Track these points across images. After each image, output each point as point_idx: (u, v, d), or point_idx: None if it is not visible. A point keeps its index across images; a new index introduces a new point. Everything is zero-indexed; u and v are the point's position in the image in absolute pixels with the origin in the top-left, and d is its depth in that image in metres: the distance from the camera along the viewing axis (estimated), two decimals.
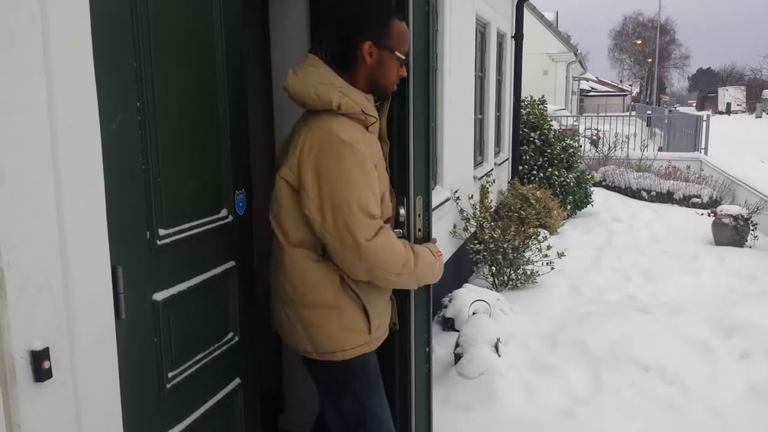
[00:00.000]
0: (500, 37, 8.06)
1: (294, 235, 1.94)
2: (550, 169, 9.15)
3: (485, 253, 5.77)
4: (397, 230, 2.26)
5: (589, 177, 9.60)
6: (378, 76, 1.92)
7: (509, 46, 8.63)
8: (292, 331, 2.03)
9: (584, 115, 22.06)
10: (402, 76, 2.00)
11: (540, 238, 6.07)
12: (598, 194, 10.03)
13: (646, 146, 14.39)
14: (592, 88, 47.77)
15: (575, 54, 27.16)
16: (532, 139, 9.29)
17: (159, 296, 1.76)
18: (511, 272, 5.79)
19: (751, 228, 7.71)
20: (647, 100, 53.93)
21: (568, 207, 9.04)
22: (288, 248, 1.95)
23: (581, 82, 40.24)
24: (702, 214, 8.31)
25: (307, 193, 1.85)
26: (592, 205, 9.55)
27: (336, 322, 1.97)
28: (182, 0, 1.82)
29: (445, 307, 4.84)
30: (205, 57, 1.94)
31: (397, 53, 1.92)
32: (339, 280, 1.96)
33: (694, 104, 64.13)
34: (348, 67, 1.91)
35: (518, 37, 8.68)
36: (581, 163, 10.09)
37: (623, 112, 30.14)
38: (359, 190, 1.83)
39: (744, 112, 54.57)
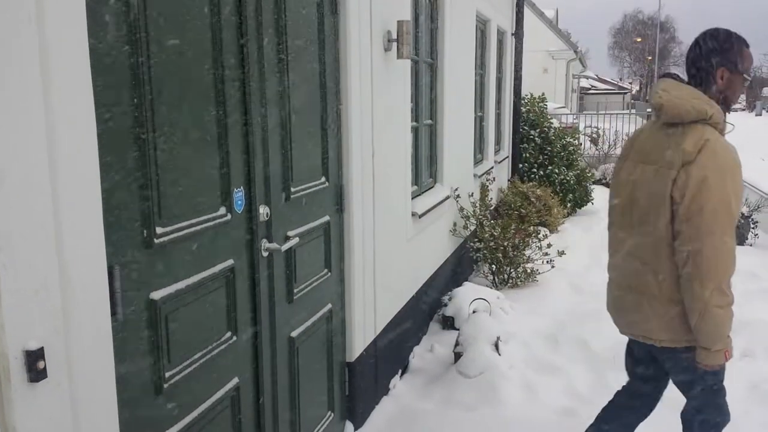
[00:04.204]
0: (500, 34, 8.03)
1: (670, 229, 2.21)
2: (550, 167, 9.12)
3: (485, 251, 5.75)
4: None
5: (589, 175, 9.57)
6: (727, 94, 2.31)
7: (509, 43, 8.60)
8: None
9: (584, 113, 22.00)
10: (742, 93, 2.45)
11: (540, 236, 6.05)
12: (598, 192, 9.99)
13: None
14: (592, 86, 47.70)
15: (575, 52, 27.09)
16: (532, 137, 9.27)
17: (156, 295, 1.75)
18: (512, 270, 5.77)
19: (752, 226, 7.69)
20: (647, 98, 53.84)
21: (569, 205, 9.01)
22: (670, 245, 2.22)
23: (581, 79, 40.17)
24: None
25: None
26: (593, 203, 9.52)
27: None
28: None
29: (445, 305, 4.82)
30: (203, 53, 1.92)
31: (744, 75, 2.31)
32: None
33: None
34: (702, 86, 2.28)
35: (518, 34, 8.65)
36: (581, 161, 10.07)
37: (623, 110, 30.07)
38: None
39: (744, 109, 54.53)
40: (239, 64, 2.11)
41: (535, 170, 9.14)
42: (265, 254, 2.31)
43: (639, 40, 63.30)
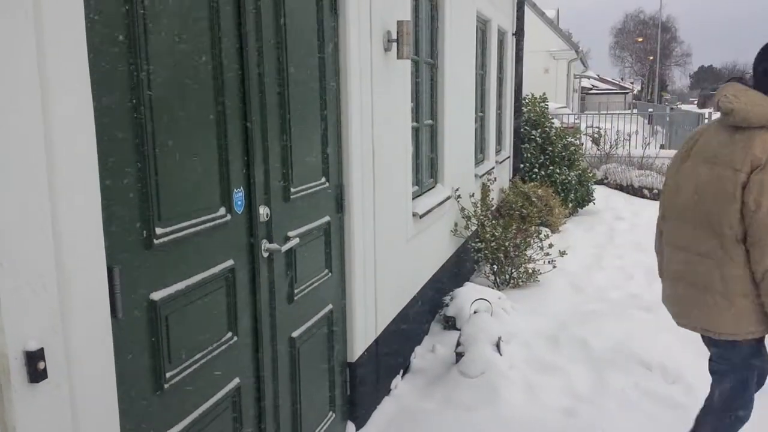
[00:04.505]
0: (501, 34, 8.03)
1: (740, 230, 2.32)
2: (551, 167, 9.11)
3: (486, 252, 5.75)
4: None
5: (590, 175, 9.55)
6: None
7: (510, 43, 8.59)
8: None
9: (585, 112, 22.01)
10: None
11: (541, 236, 6.04)
12: (599, 192, 9.99)
13: (648, 144, 14.33)
14: (594, 86, 47.61)
15: (576, 51, 27.07)
16: (533, 137, 9.26)
17: (156, 295, 1.75)
18: (513, 271, 5.77)
19: None
20: (648, 97, 53.80)
21: (570, 205, 9.00)
22: (736, 243, 2.33)
23: (582, 79, 40.12)
24: None
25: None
26: (594, 204, 9.51)
27: None
28: None
29: (446, 305, 4.82)
30: (202, 53, 1.92)
31: None
32: None
33: (696, 102, 63.95)
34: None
35: (519, 34, 8.65)
36: (583, 161, 10.05)
37: (625, 109, 30.05)
38: None
39: None
40: (238, 64, 2.11)
41: (536, 170, 9.13)
42: (265, 255, 2.31)
43: (640, 40, 63.20)
